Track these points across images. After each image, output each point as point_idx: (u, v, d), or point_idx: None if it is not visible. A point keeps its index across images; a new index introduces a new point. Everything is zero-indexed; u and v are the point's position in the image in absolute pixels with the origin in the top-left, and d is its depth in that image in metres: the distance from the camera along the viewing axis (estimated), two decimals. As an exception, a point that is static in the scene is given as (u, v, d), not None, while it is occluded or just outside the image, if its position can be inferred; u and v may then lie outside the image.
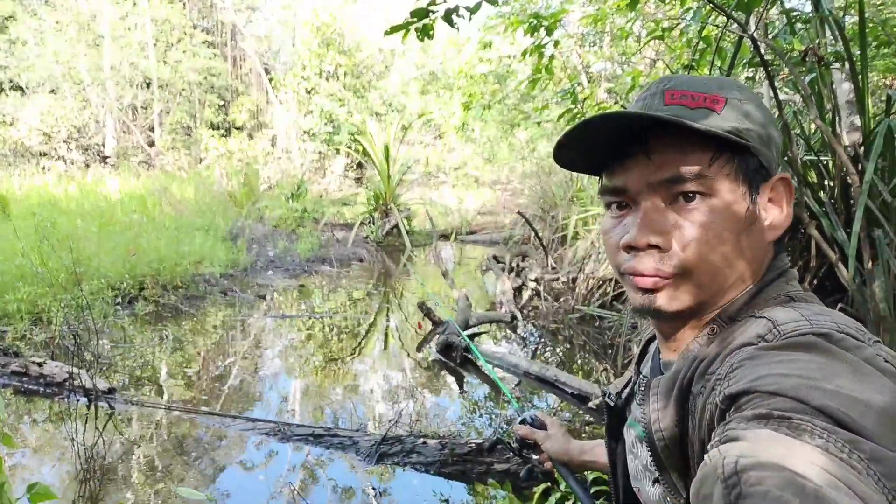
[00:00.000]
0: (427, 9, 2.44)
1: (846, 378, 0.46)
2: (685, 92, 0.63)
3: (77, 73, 15.31)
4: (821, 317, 0.54)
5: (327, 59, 17.74)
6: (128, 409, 3.40)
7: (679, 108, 0.62)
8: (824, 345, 0.50)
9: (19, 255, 4.73)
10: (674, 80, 0.66)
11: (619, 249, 0.65)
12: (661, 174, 0.61)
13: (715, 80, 0.65)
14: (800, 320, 0.55)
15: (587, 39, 10.32)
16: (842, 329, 0.52)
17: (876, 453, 0.41)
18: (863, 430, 0.42)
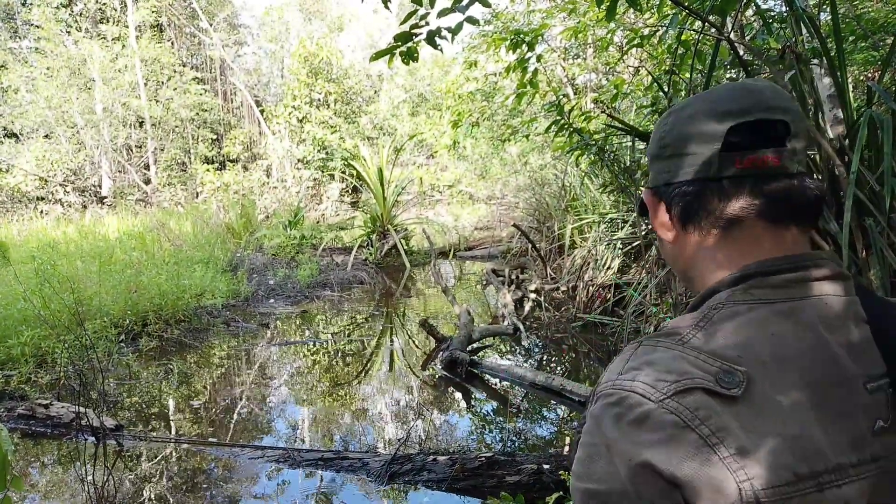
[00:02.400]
0: (410, 32, 2.50)
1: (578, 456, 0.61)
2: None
3: (70, 116, 15.47)
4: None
5: (317, 88, 17.95)
6: (136, 445, 3.40)
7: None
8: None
9: (21, 300, 4.74)
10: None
11: None
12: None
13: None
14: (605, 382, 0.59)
15: (570, 52, 10.48)
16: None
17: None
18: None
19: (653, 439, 0.52)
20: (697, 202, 0.64)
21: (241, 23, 23.59)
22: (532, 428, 3.64)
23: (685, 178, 0.64)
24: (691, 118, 0.64)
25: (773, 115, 0.61)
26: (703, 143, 0.62)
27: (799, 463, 0.51)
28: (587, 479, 0.56)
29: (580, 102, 8.56)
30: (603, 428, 0.56)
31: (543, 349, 5.33)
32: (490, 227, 12.99)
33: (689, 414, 0.51)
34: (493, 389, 4.27)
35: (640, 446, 0.52)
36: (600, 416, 0.57)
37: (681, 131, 0.65)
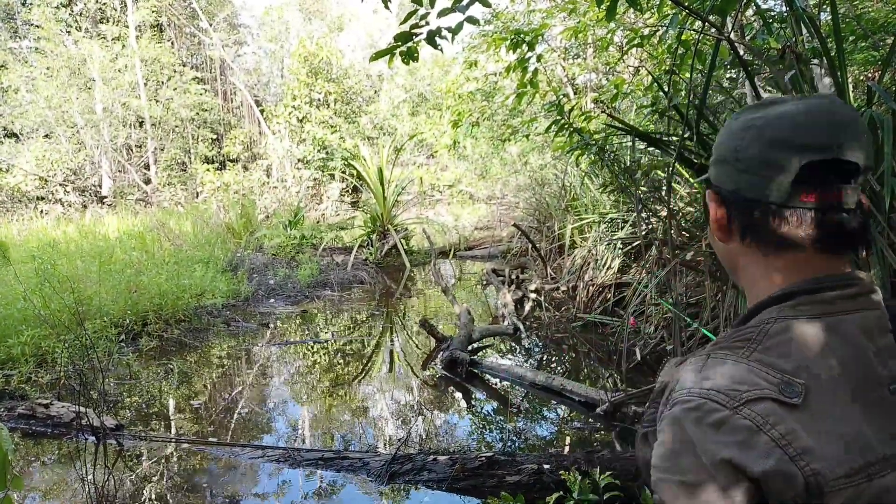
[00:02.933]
0: (410, 32, 2.50)
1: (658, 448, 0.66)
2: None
3: (70, 116, 15.46)
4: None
5: (316, 88, 17.95)
6: (136, 444, 3.40)
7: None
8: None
9: (21, 299, 4.75)
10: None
11: None
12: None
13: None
14: (681, 390, 0.67)
15: (570, 52, 10.48)
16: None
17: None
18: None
19: (730, 440, 0.60)
20: (760, 221, 0.69)
21: (241, 23, 23.61)
22: (532, 428, 3.64)
23: (752, 196, 0.69)
24: (771, 145, 0.67)
25: (848, 156, 0.64)
26: (777, 172, 0.66)
27: (854, 457, 0.59)
28: (677, 472, 0.63)
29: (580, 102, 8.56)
30: (686, 429, 0.63)
31: (543, 349, 5.33)
32: (490, 226, 13.00)
33: (760, 420, 0.60)
34: (493, 389, 4.27)
35: (720, 446, 0.60)
36: (682, 419, 0.64)
37: (759, 153, 0.68)
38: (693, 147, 3.41)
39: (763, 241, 0.70)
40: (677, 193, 5.18)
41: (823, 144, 0.64)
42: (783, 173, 0.65)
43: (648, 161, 4.78)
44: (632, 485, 2.52)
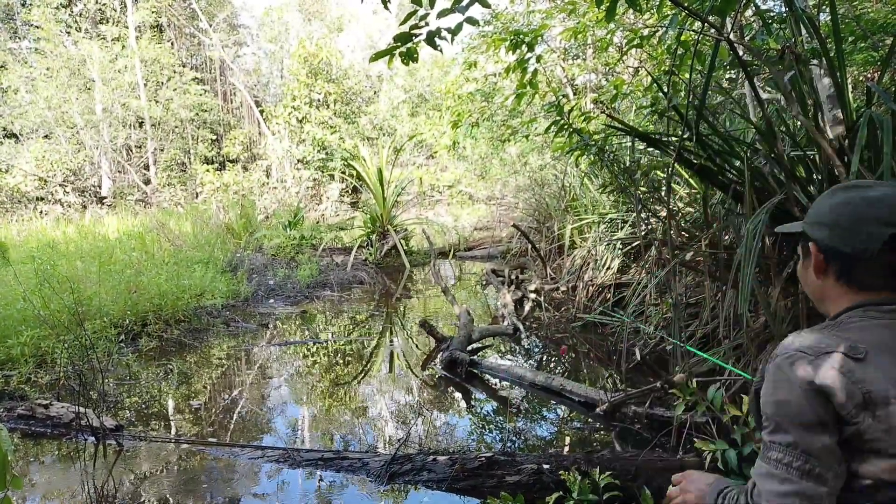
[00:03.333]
0: (410, 33, 2.50)
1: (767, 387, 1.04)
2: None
3: (70, 117, 15.45)
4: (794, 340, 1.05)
5: (316, 88, 17.95)
6: (136, 445, 3.40)
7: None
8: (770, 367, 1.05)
9: (21, 300, 4.74)
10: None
11: None
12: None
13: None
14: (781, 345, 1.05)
15: (569, 53, 10.49)
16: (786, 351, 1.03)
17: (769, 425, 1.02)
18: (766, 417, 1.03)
19: (814, 374, 0.95)
20: (852, 269, 1.05)
21: (241, 23, 23.61)
22: (532, 428, 3.64)
23: (847, 251, 1.03)
24: (868, 220, 1.00)
25: None
26: (870, 239, 1.00)
27: (892, 388, 0.93)
28: (777, 395, 1.00)
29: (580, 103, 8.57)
30: (784, 370, 0.99)
31: (543, 349, 5.34)
32: (490, 227, 13.00)
33: (835, 363, 0.95)
34: (493, 389, 4.27)
35: (807, 377, 0.96)
36: (780, 365, 1.01)
37: (857, 224, 1.02)
38: (692, 147, 3.41)
39: (853, 281, 1.05)
40: (677, 194, 5.19)
41: None
42: (874, 240, 0.99)
43: (648, 161, 4.79)
44: (631, 485, 2.52)
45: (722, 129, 3.85)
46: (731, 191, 3.45)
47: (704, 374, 3.41)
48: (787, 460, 0.95)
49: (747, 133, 4.20)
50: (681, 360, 3.54)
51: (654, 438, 3.10)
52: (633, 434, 3.31)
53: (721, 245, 3.86)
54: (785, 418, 0.97)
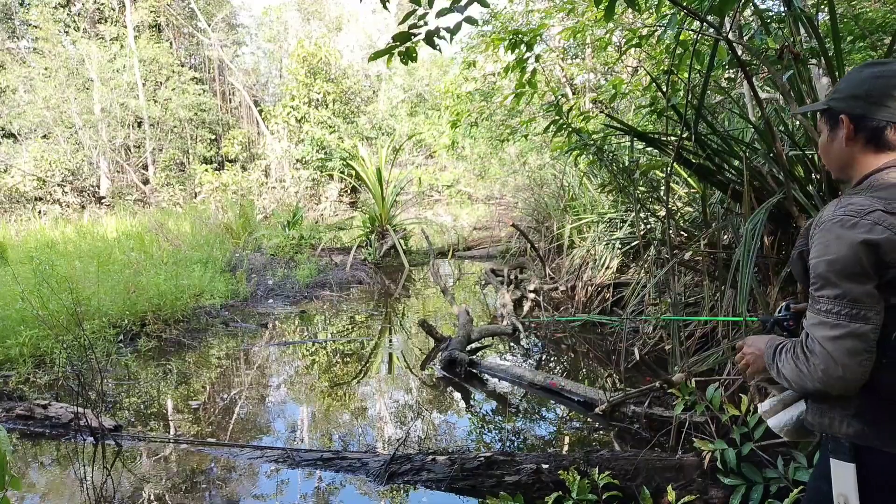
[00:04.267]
0: (409, 32, 2.50)
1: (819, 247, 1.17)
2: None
3: (68, 116, 15.42)
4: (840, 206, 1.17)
5: (315, 88, 17.93)
6: (135, 445, 3.39)
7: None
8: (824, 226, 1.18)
9: (19, 300, 4.73)
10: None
11: None
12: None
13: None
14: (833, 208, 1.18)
15: (568, 52, 10.49)
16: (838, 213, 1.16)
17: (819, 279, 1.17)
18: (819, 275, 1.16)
19: (861, 231, 1.10)
20: (882, 132, 1.20)
21: (240, 23, 23.56)
22: (531, 428, 3.64)
23: (878, 117, 1.19)
24: (893, 86, 1.17)
25: None
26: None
27: None
28: (828, 254, 1.14)
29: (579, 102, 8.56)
30: (834, 229, 1.14)
31: (542, 349, 5.34)
32: (489, 227, 12.99)
33: (877, 217, 1.11)
34: (492, 389, 4.27)
35: (856, 234, 1.10)
36: (831, 226, 1.15)
37: (886, 92, 1.18)
38: (691, 147, 3.41)
39: (878, 144, 1.21)
40: (675, 193, 5.19)
41: None
42: None
43: (647, 161, 4.78)
44: (631, 484, 2.52)
45: (721, 128, 3.85)
46: (729, 190, 3.45)
47: (703, 373, 3.41)
48: (837, 309, 1.12)
49: (746, 132, 4.20)
50: (680, 360, 3.54)
51: (653, 438, 3.10)
52: (632, 434, 3.31)
53: (720, 244, 3.86)
54: (833, 274, 1.12)
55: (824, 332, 1.12)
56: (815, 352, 1.13)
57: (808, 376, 1.15)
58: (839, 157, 1.28)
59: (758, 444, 2.40)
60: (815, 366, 1.13)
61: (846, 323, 1.10)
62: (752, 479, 2.34)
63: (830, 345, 1.11)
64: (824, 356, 1.11)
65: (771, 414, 1.40)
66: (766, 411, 1.42)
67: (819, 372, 1.13)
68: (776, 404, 1.39)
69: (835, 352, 1.10)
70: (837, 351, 1.10)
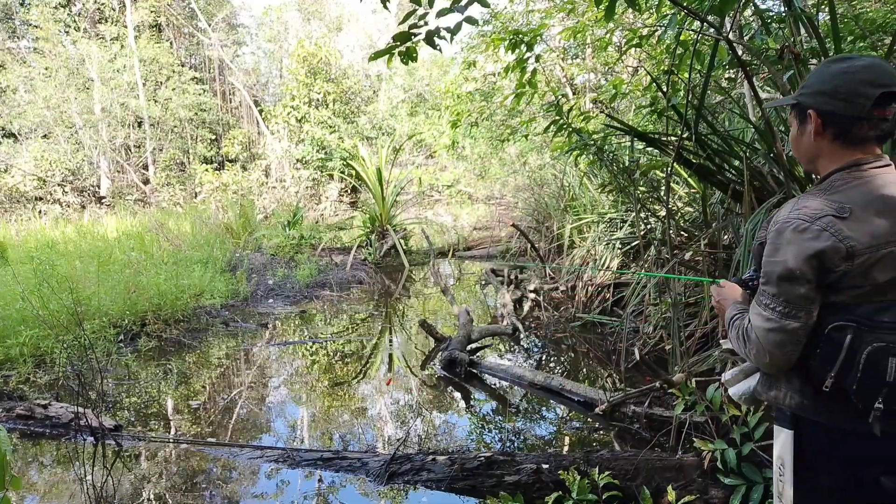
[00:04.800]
0: (409, 32, 2.50)
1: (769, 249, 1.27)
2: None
3: (69, 116, 15.41)
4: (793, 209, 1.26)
5: (315, 88, 17.92)
6: (135, 445, 3.39)
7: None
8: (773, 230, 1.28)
9: (20, 300, 4.74)
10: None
11: None
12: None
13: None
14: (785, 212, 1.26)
15: (569, 52, 10.49)
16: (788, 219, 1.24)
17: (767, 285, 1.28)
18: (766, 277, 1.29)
19: (809, 237, 1.19)
20: (849, 128, 1.24)
21: (240, 23, 23.54)
22: (531, 428, 3.64)
23: (845, 113, 1.23)
24: (861, 82, 1.21)
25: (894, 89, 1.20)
26: (863, 98, 1.20)
27: (876, 240, 1.18)
28: (775, 255, 1.24)
29: (579, 102, 8.57)
30: (786, 233, 1.22)
31: (542, 349, 5.34)
32: (489, 227, 12.99)
33: (824, 224, 1.19)
34: (492, 389, 4.27)
35: (804, 240, 1.19)
36: (783, 231, 1.23)
37: (852, 88, 1.21)
38: (691, 147, 3.41)
39: (846, 139, 1.25)
40: (676, 193, 5.19)
41: (886, 83, 1.19)
42: (867, 99, 1.20)
43: (647, 161, 4.79)
44: (631, 484, 2.52)
45: (721, 128, 3.86)
46: (730, 190, 3.45)
47: (703, 373, 3.41)
48: (773, 305, 1.25)
49: (746, 132, 4.20)
50: (680, 360, 3.54)
51: (654, 438, 3.10)
52: (632, 434, 3.31)
53: (720, 244, 3.86)
54: (774, 275, 1.23)
55: (759, 323, 1.27)
56: (750, 338, 1.30)
57: (745, 354, 1.35)
58: (808, 151, 1.33)
59: (758, 444, 2.40)
60: (749, 349, 1.31)
61: (777, 319, 1.24)
62: (752, 479, 2.34)
63: (763, 335, 1.26)
64: (756, 344, 1.28)
65: (733, 383, 1.54)
66: (728, 380, 1.55)
67: (751, 355, 1.31)
68: (737, 374, 1.54)
69: (765, 341, 1.26)
70: (767, 341, 1.26)
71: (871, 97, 1.19)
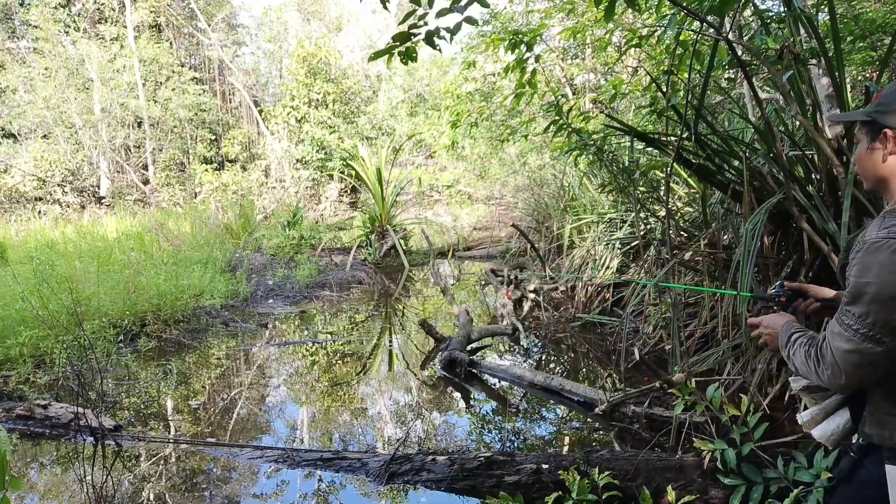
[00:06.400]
0: (409, 32, 2.50)
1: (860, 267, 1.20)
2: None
3: (68, 117, 15.41)
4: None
5: (315, 88, 17.93)
6: (135, 445, 3.39)
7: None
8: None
9: (19, 300, 4.73)
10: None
11: None
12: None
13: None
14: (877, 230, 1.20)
15: (568, 52, 10.49)
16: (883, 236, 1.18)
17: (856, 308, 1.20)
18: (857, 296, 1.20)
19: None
20: None
21: (240, 23, 23.55)
22: (531, 428, 3.64)
23: None
24: None
25: None
26: None
27: None
28: (865, 276, 1.18)
29: (579, 103, 8.57)
30: (872, 254, 1.17)
31: (542, 349, 5.34)
32: (489, 227, 12.99)
33: None
34: (492, 389, 4.28)
35: (892, 259, 1.14)
36: (869, 249, 1.17)
37: None
38: (691, 147, 3.41)
39: None
40: (675, 193, 5.19)
41: None
42: None
43: (647, 161, 4.79)
44: (630, 484, 2.52)
45: (720, 128, 3.86)
46: (729, 190, 3.45)
47: (703, 373, 3.41)
48: (856, 326, 1.18)
49: (746, 133, 4.20)
50: (680, 360, 3.54)
51: (654, 438, 3.11)
52: (632, 434, 3.31)
53: (720, 245, 3.86)
54: (864, 295, 1.17)
55: (838, 343, 1.21)
56: (825, 358, 1.24)
57: (815, 375, 1.28)
58: (876, 171, 1.27)
59: (758, 444, 2.40)
60: (822, 368, 1.25)
61: (860, 341, 1.18)
62: (752, 479, 2.34)
63: (841, 356, 1.20)
64: (833, 364, 1.22)
65: (813, 424, 1.43)
66: (807, 421, 1.44)
67: (825, 375, 1.25)
68: (818, 413, 1.42)
69: (842, 362, 1.20)
70: (845, 361, 1.20)
71: None
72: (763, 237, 3.13)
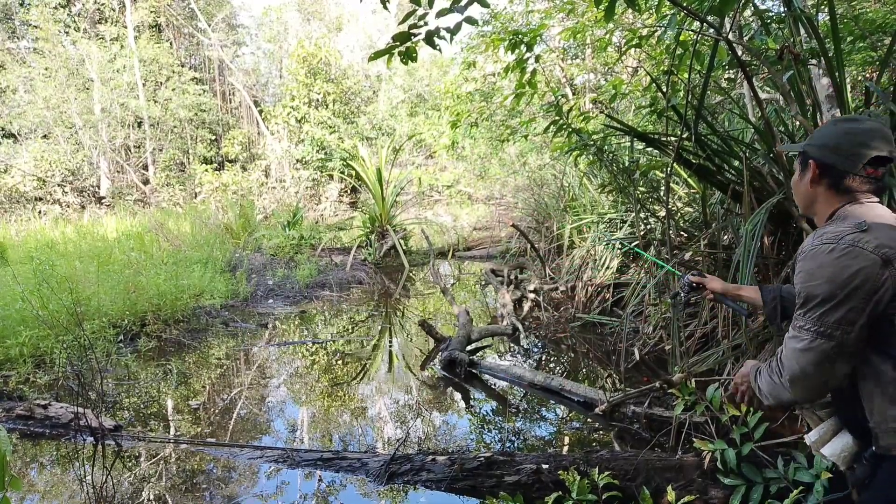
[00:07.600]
0: (409, 32, 2.50)
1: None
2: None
3: (68, 117, 15.40)
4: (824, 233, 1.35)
5: (315, 88, 17.93)
6: (135, 445, 3.39)
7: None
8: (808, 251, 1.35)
9: (19, 300, 4.74)
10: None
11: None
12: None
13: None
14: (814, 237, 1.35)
15: (568, 52, 10.49)
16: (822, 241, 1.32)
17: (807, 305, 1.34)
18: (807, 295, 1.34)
19: (841, 256, 1.27)
20: (843, 180, 1.39)
21: (240, 23, 23.55)
22: (531, 428, 3.64)
23: (841, 167, 1.38)
24: (860, 144, 1.36)
25: (892, 153, 1.36)
26: (859, 158, 1.36)
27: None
28: (812, 284, 1.30)
29: (579, 103, 8.57)
30: (813, 258, 1.31)
31: (542, 349, 5.34)
32: (489, 227, 12.99)
33: (851, 241, 1.27)
34: (491, 389, 4.28)
35: (840, 262, 1.26)
36: (813, 256, 1.31)
37: (852, 147, 1.37)
38: (691, 147, 3.41)
39: (838, 189, 1.40)
40: (675, 193, 5.19)
41: (881, 147, 1.35)
42: (861, 158, 1.36)
43: (647, 161, 4.79)
44: (630, 485, 2.52)
45: (720, 128, 3.86)
46: (729, 190, 3.46)
47: (703, 373, 3.41)
48: (808, 326, 1.30)
49: (746, 133, 4.20)
50: (680, 360, 3.54)
51: (654, 438, 3.11)
52: (632, 434, 3.31)
53: (720, 245, 3.86)
54: (810, 296, 1.30)
55: (793, 345, 1.33)
56: (784, 365, 1.35)
57: (780, 388, 1.38)
58: (804, 195, 1.49)
59: (758, 444, 2.40)
60: (784, 377, 1.36)
61: (811, 339, 1.29)
62: (752, 479, 2.34)
63: (795, 355, 1.32)
64: (791, 368, 1.33)
65: (821, 444, 1.43)
66: (815, 441, 1.45)
67: (787, 382, 1.35)
68: (825, 432, 1.43)
69: (799, 361, 1.31)
70: (803, 360, 1.31)
71: (866, 157, 1.34)
72: (763, 237, 3.13)
